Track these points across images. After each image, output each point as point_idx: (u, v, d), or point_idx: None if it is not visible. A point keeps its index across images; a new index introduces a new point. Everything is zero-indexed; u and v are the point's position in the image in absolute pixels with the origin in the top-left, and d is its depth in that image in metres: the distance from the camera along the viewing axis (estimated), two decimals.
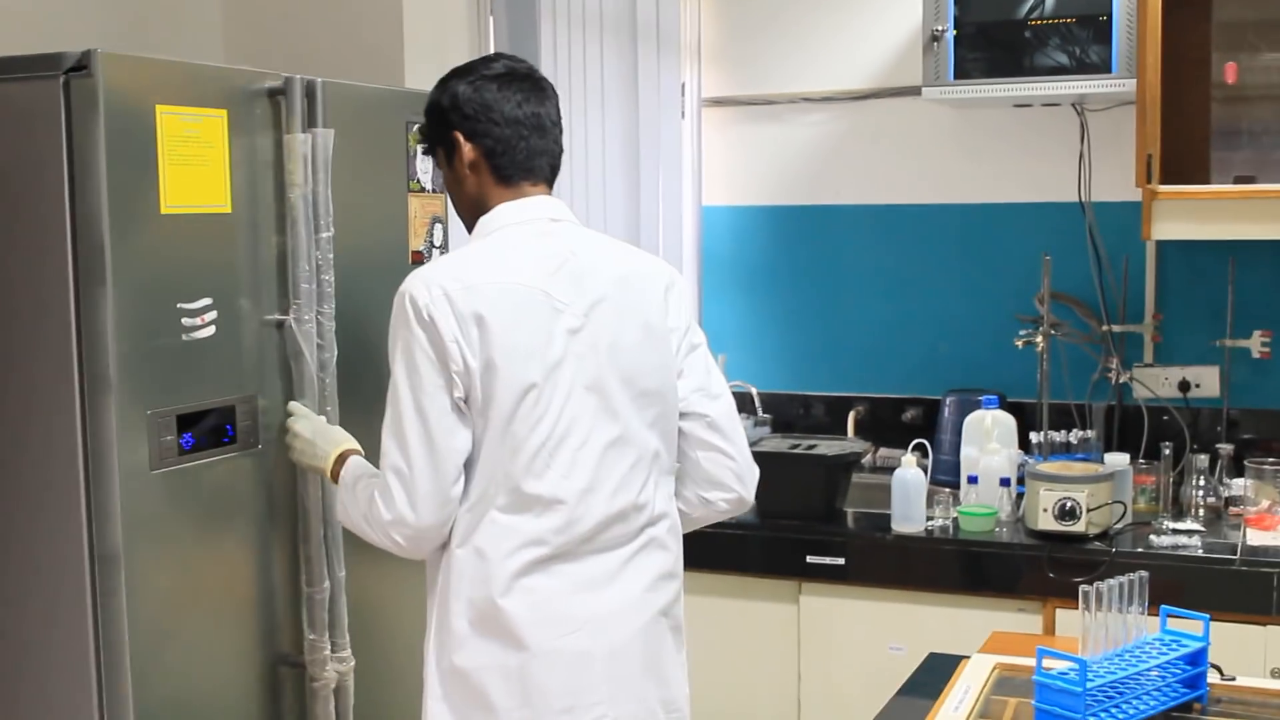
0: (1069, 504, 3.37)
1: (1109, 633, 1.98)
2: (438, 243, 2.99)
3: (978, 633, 3.07)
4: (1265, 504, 3.58)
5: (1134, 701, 1.98)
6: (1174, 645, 2.05)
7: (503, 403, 2.21)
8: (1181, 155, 3.75)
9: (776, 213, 4.39)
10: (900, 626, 3.52)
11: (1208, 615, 2.07)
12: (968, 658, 2.28)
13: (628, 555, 2.35)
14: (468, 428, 2.23)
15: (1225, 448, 3.76)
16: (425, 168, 2.97)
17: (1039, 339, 3.81)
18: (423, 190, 2.96)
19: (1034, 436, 3.84)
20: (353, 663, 2.63)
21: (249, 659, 2.51)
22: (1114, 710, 1.94)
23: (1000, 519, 3.57)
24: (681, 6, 4.21)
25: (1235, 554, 3.32)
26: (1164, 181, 3.61)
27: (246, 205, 2.47)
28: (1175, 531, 3.45)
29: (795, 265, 4.37)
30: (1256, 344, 3.87)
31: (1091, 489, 3.39)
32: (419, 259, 2.94)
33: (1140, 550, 3.39)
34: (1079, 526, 3.37)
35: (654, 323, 2.38)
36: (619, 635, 2.31)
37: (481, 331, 2.20)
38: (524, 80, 2.40)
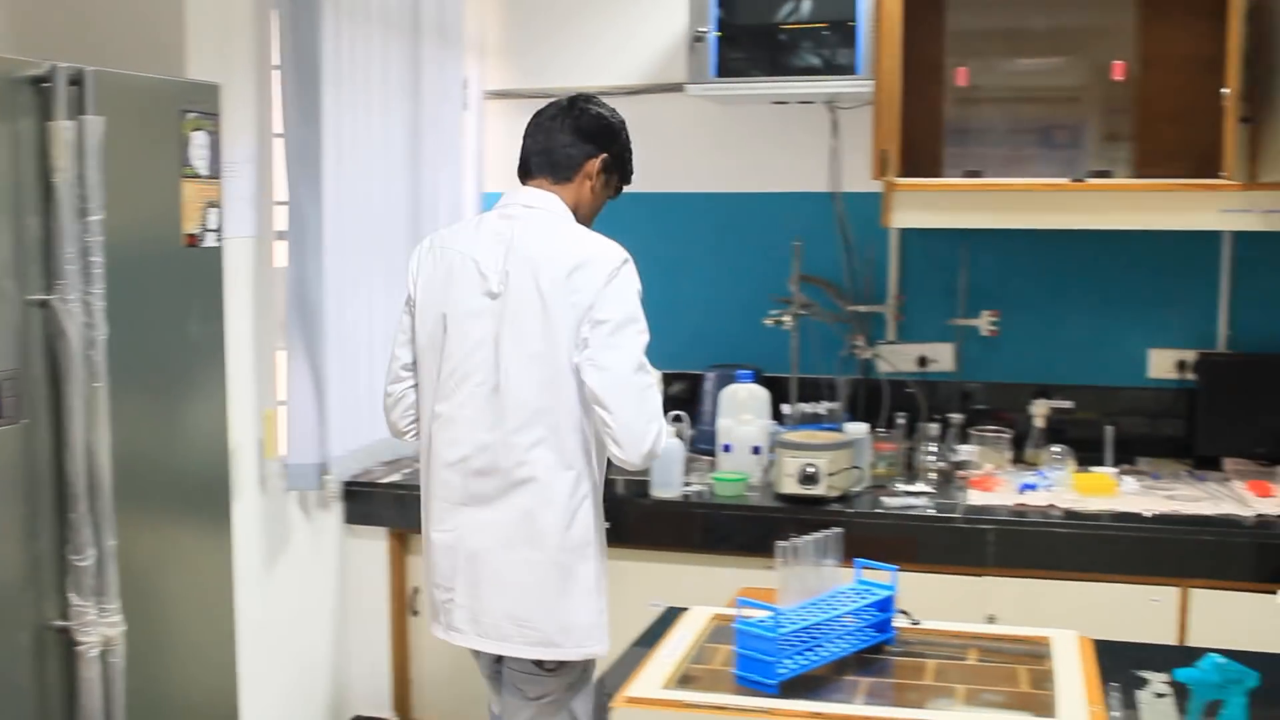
0: (810, 469, 3.50)
1: (805, 584, 2.09)
2: (212, 226, 2.99)
3: (729, 589, 3.17)
4: (989, 467, 3.78)
5: (827, 645, 2.09)
6: (865, 594, 2.17)
7: (420, 334, 2.88)
8: (918, 150, 3.91)
9: None
10: (659, 584, 3.61)
11: (896, 566, 2.19)
12: (687, 609, 2.38)
13: (501, 485, 2.77)
14: (408, 345, 2.93)
15: (956, 417, 3.96)
16: (202, 155, 2.96)
17: (787, 318, 3.95)
18: (198, 176, 2.95)
19: (786, 408, 3.98)
20: (123, 628, 2.63)
21: (15, 625, 2.49)
22: (808, 654, 2.06)
23: (751, 484, 3.70)
24: (464, 2, 4.25)
25: (958, 513, 3.49)
26: (903, 175, 3.77)
27: (10, 190, 2.44)
28: (907, 493, 3.63)
29: None
30: (985, 323, 4.07)
31: (832, 455, 3.54)
32: (193, 242, 2.94)
33: (875, 511, 3.55)
34: (820, 490, 3.52)
35: (554, 297, 2.72)
36: (477, 545, 2.79)
37: (420, 278, 2.90)
38: (557, 102, 3.06)
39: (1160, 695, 2.01)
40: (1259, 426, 3.91)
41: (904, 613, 2.25)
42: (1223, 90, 3.47)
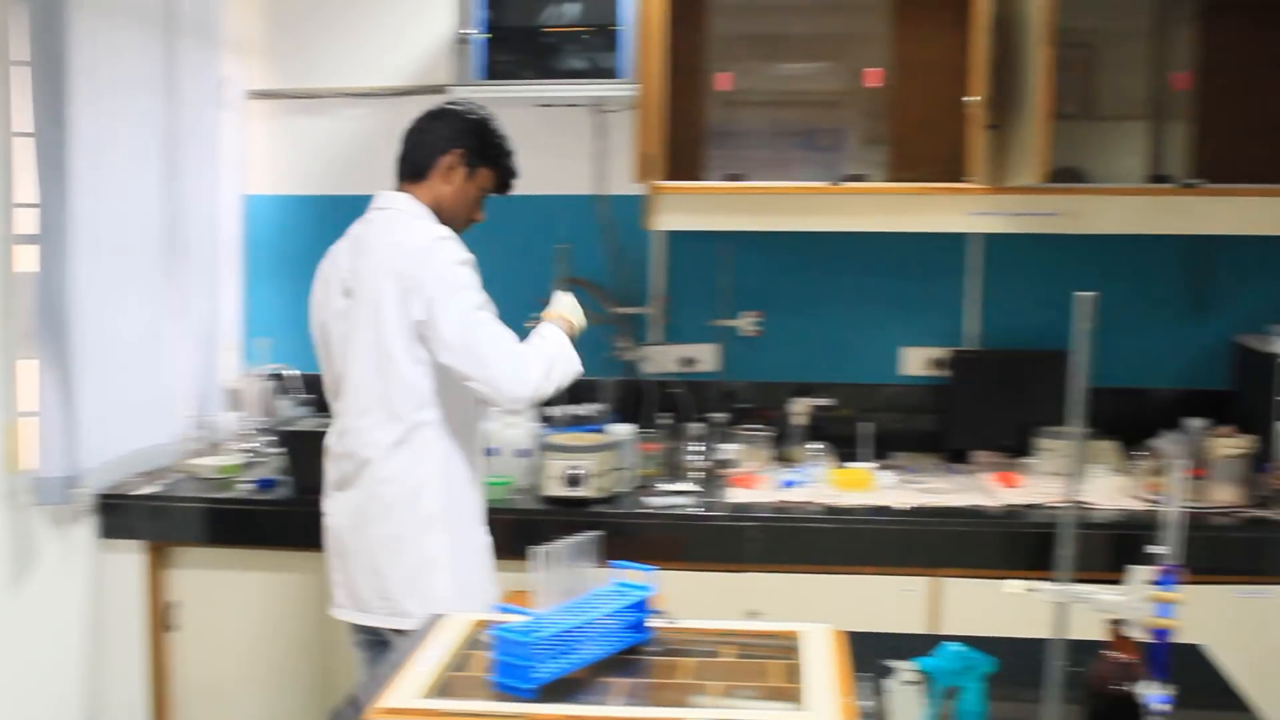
0: (576, 471, 3.51)
1: (562, 587, 2.08)
2: None
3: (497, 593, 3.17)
4: (751, 465, 3.84)
5: (585, 648, 2.09)
6: (623, 595, 2.18)
7: (317, 343, 3.11)
8: (682, 154, 3.96)
9: (321, 202, 4.37)
10: None
11: (652, 566, 2.20)
12: (448, 615, 2.35)
13: (354, 467, 3.00)
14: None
15: (720, 416, 4.01)
16: None
17: None
18: None
19: (552, 410, 3.97)
20: None
21: None
22: (565, 657, 2.05)
23: (517, 487, 3.68)
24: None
25: (719, 511, 3.54)
26: (666, 178, 3.80)
27: None
28: (671, 493, 3.66)
29: None
30: (748, 323, 4.14)
31: (597, 457, 3.55)
32: None
33: (640, 511, 3.57)
34: (585, 492, 3.52)
35: (383, 287, 2.89)
36: (341, 525, 3.05)
37: (314, 294, 3.12)
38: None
39: (908, 683, 2.06)
40: (1006, 420, 4.07)
41: (661, 612, 2.26)
42: (968, 98, 3.60)
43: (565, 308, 3.21)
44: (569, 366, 3.03)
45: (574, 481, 3.52)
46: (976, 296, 4.21)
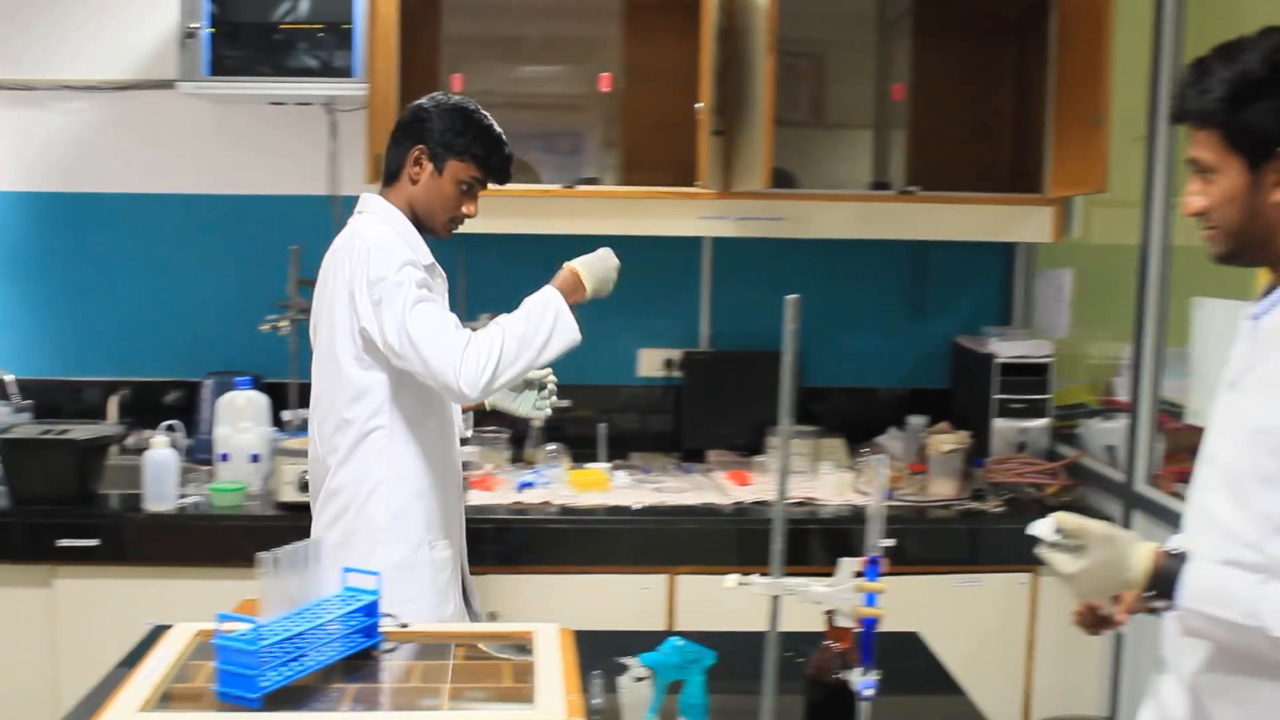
0: (309, 476, 3.46)
1: (288, 594, 2.07)
2: None
3: (232, 603, 3.10)
4: (489, 467, 3.86)
5: (313, 654, 2.08)
6: (351, 600, 2.18)
7: None
8: None
9: (37, 199, 4.21)
10: (159, 602, 3.47)
11: (379, 571, 2.20)
12: (171, 627, 2.30)
13: (316, 478, 2.97)
14: None
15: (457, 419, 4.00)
16: None
17: (284, 324, 3.89)
18: None
19: (286, 414, 3.92)
20: None
21: None
22: (292, 664, 2.03)
23: (251, 493, 3.62)
24: None
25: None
26: None
27: None
28: None
29: (56, 250, 4.22)
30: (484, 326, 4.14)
31: None
32: None
33: None
34: None
35: (334, 291, 2.84)
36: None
37: None
38: None
39: (639, 679, 2.11)
40: (738, 419, 4.20)
41: (391, 616, 2.27)
42: (697, 105, 3.71)
43: (584, 262, 3.00)
44: (536, 343, 2.82)
45: (307, 486, 3.47)
46: (706, 299, 4.33)
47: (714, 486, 3.86)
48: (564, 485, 3.78)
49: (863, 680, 1.84)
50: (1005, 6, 4.22)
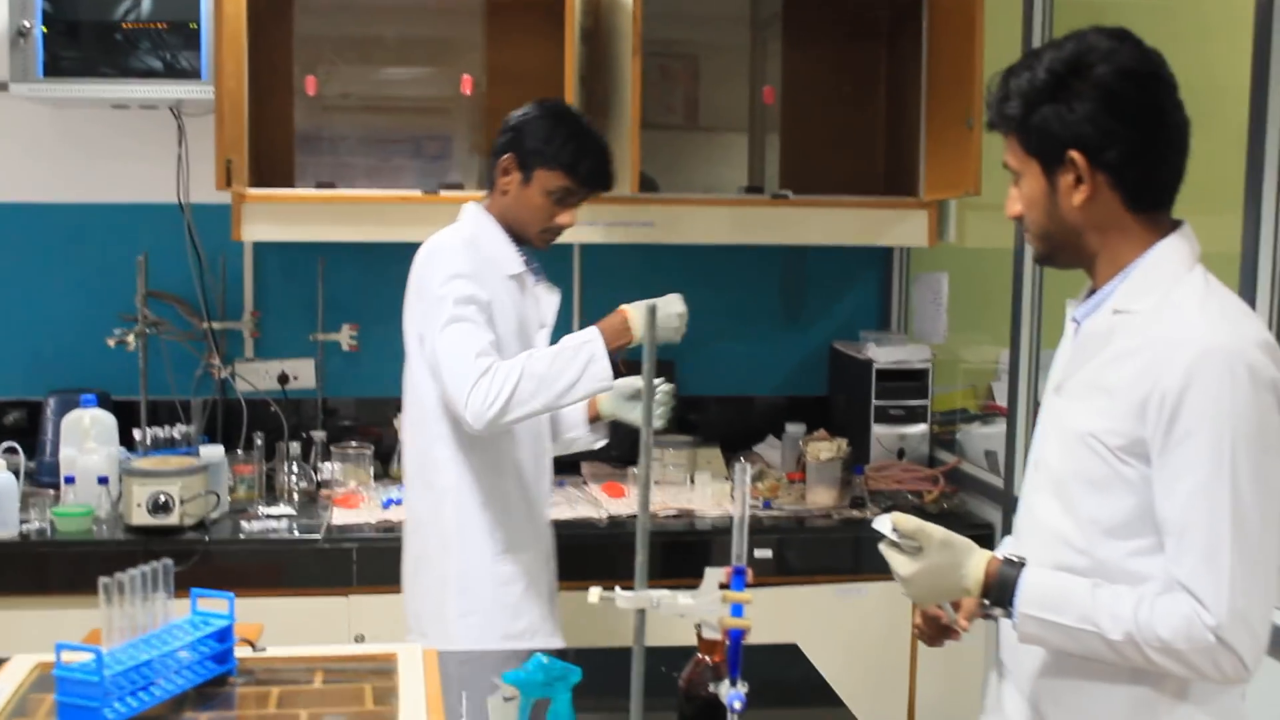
0: (162, 497, 3.42)
1: (133, 621, 2.03)
2: None
3: (80, 632, 3.03)
4: (353, 484, 3.83)
5: (162, 683, 2.05)
6: (202, 625, 2.15)
7: None
8: (271, 160, 3.92)
9: None
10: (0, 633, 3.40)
11: (233, 594, 2.18)
12: (8, 659, 2.25)
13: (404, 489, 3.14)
14: None
15: (319, 434, 3.98)
16: None
17: (131, 338, 3.82)
18: None
19: (137, 433, 3.85)
20: None
21: None
22: (140, 694, 2.01)
23: (99, 517, 3.55)
24: None
25: (320, 533, 3.51)
26: (254, 185, 3.75)
27: None
28: (268, 516, 3.61)
29: None
30: (346, 337, 4.14)
31: (184, 481, 3.46)
32: None
33: (235, 537, 3.51)
34: (173, 519, 3.43)
35: (409, 303, 2.97)
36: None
37: None
38: None
39: (508, 699, 2.11)
40: (612, 431, 4.20)
41: (247, 642, 2.24)
42: None
43: (639, 306, 2.88)
44: (559, 386, 2.77)
45: (161, 508, 3.42)
46: (579, 307, 4.34)
47: (588, 500, 3.87)
48: None
49: (731, 693, 1.86)
50: (876, 10, 4.30)
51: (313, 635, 3.01)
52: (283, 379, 4.15)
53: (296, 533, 3.54)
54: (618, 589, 1.78)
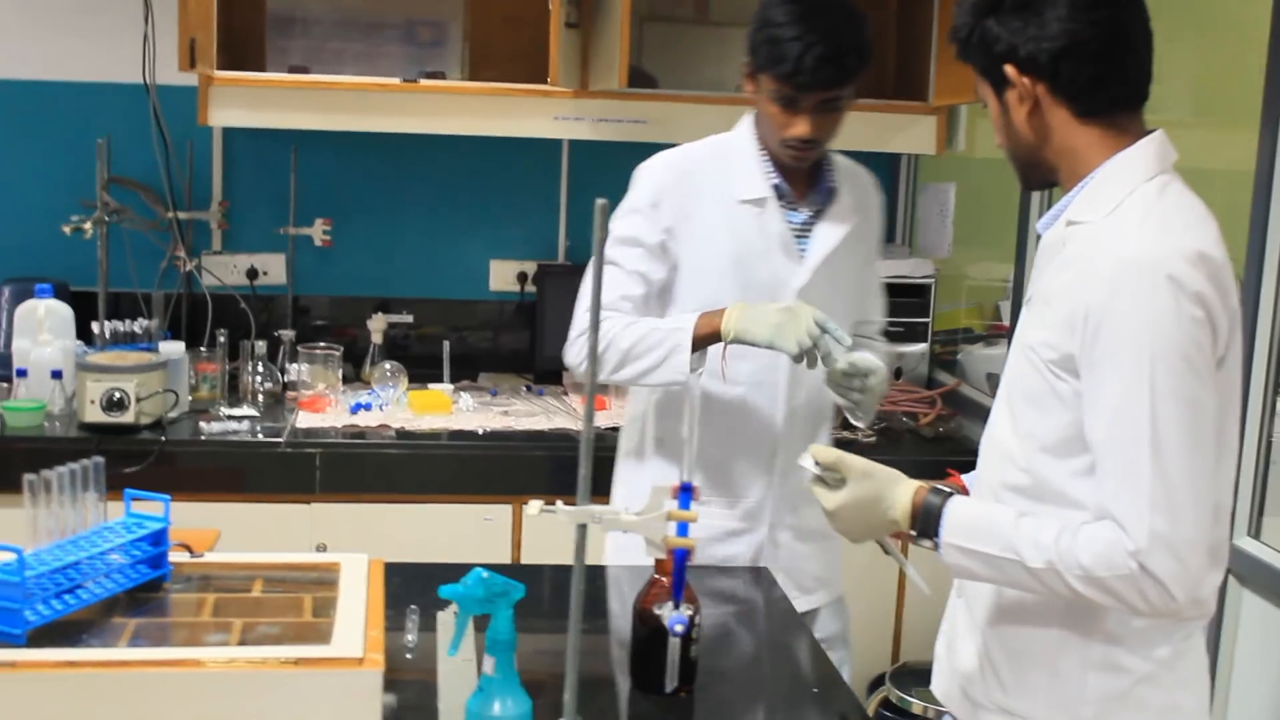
0: (117, 394, 3.41)
1: (61, 521, 2.03)
2: None
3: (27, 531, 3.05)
4: (320, 387, 3.83)
5: (90, 586, 2.05)
6: (135, 528, 2.14)
7: None
8: (243, 41, 3.87)
9: None
10: None
11: (169, 496, 2.17)
12: None
13: None
14: None
15: (287, 334, 3.97)
16: None
17: (89, 225, 3.80)
18: None
19: (95, 327, 3.85)
20: None
21: None
22: (66, 597, 2.00)
23: (51, 413, 3.55)
24: None
25: (283, 437, 3.51)
26: (224, 67, 3.71)
27: None
28: (229, 418, 3.61)
29: None
30: (318, 232, 4.11)
31: (141, 379, 3.46)
32: None
33: (194, 439, 3.51)
34: (128, 417, 3.43)
35: None
36: None
37: None
38: None
39: (458, 614, 2.12)
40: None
41: (186, 547, 2.24)
42: None
43: (732, 311, 2.64)
44: (639, 368, 2.70)
45: (116, 405, 3.42)
46: (564, 207, 4.31)
47: (567, 411, 3.87)
48: (402, 408, 3.76)
49: (674, 616, 1.86)
50: None
51: (272, 543, 3.02)
52: (251, 274, 4.14)
53: (260, 436, 3.54)
54: (559, 503, 1.77)
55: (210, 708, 1.82)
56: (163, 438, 3.46)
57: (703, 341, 2.66)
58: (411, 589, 2.41)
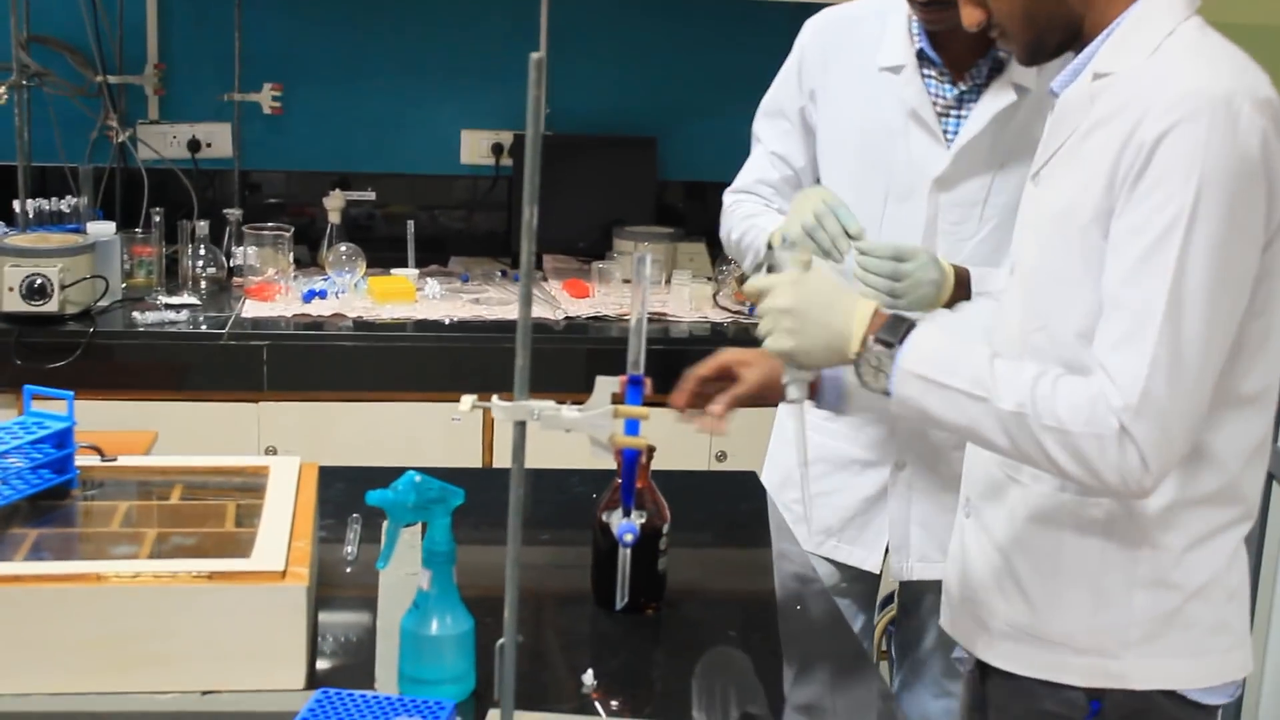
0: (38, 280, 3.38)
1: None
2: None
3: None
4: (270, 272, 3.79)
5: None
6: (36, 429, 2.12)
7: None
8: None
9: None
10: None
11: (72, 393, 2.14)
12: None
13: None
14: None
15: (234, 213, 3.93)
16: None
17: (3, 90, 3.74)
18: None
19: (16, 205, 3.81)
20: None
21: None
22: None
23: None
24: None
25: (226, 329, 3.49)
26: None
27: None
28: (167, 307, 3.58)
29: None
30: (267, 98, 4.06)
31: (66, 262, 3.43)
32: None
33: (128, 329, 3.49)
34: (52, 306, 3.41)
35: None
36: None
37: None
38: None
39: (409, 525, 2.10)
40: (581, 218, 4.16)
41: (95, 449, 2.22)
42: None
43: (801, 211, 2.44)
44: (733, 237, 2.75)
45: (38, 293, 3.39)
46: (548, 69, 4.23)
47: (546, 299, 3.83)
48: (361, 295, 3.73)
49: (623, 524, 1.82)
50: None
51: (215, 447, 3.00)
52: (193, 146, 4.09)
53: (202, 327, 3.51)
54: (495, 398, 1.73)
55: (114, 626, 1.80)
56: (91, 329, 3.44)
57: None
58: (355, 496, 2.37)
